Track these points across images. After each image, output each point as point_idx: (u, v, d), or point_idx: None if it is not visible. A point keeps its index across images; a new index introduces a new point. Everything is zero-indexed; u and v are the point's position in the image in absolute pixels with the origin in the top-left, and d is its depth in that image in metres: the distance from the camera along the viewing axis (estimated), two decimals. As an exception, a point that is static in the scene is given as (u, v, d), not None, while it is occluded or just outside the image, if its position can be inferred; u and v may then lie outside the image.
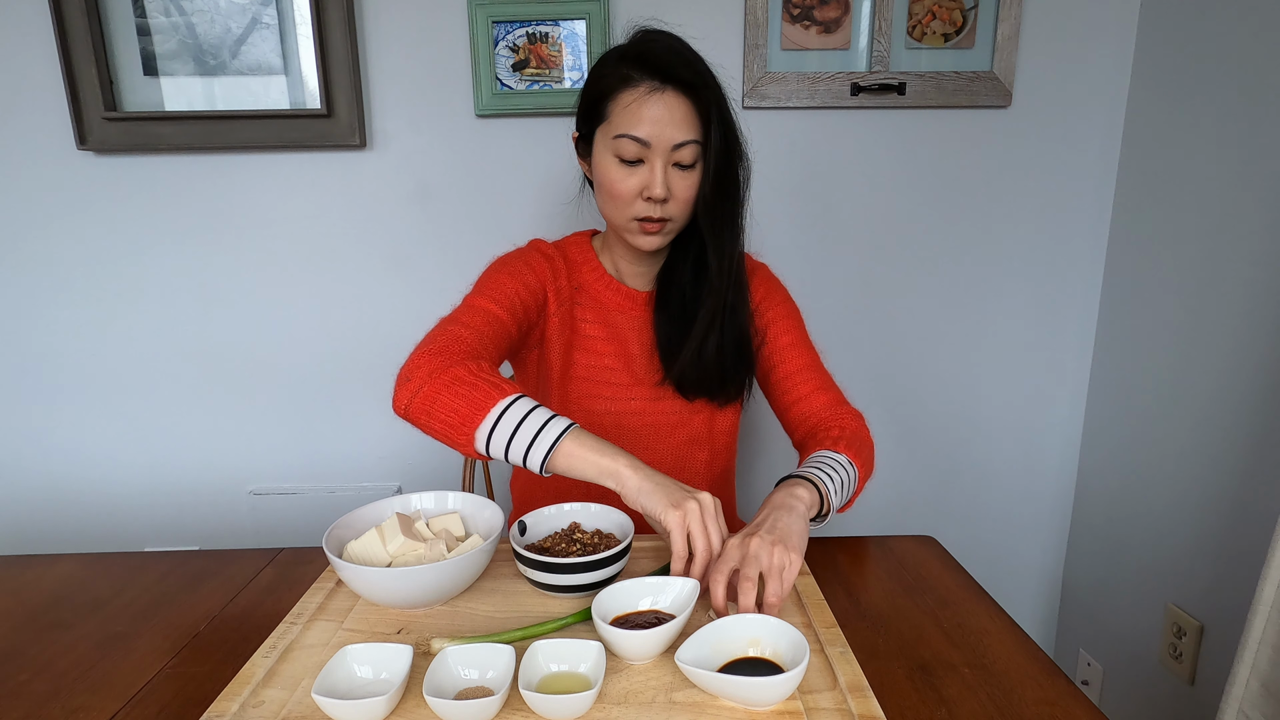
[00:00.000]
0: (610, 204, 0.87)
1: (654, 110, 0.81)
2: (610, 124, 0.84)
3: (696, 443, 0.98)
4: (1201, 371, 1.18)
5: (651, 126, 0.81)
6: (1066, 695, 0.61)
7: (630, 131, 0.81)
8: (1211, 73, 1.15)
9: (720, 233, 0.86)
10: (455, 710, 0.53)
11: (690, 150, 0.82)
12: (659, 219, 0.85)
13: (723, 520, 0.69)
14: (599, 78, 0.86)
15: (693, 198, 0.85)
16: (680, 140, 0.81)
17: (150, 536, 1.46)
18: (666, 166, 0.82)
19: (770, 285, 1.00)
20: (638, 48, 0.83)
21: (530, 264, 0.91)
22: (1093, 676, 1.45)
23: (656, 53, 0.82)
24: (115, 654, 0.68)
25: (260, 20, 1.25)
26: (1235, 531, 1.12)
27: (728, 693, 0.55)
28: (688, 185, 0.84)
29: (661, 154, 0.82)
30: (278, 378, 1.41)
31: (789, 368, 0.94)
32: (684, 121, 0.81)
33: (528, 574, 0.71)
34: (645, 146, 0.81)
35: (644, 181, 0.83)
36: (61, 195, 1.31)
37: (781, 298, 0.99)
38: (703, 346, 0.90)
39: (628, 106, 0.82)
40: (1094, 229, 1.39)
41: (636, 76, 0.82)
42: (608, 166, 0.85)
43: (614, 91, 0.83)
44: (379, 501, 0.78)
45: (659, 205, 0.84)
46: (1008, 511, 1.52)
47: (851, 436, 0.87)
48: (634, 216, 0.85)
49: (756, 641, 0.60)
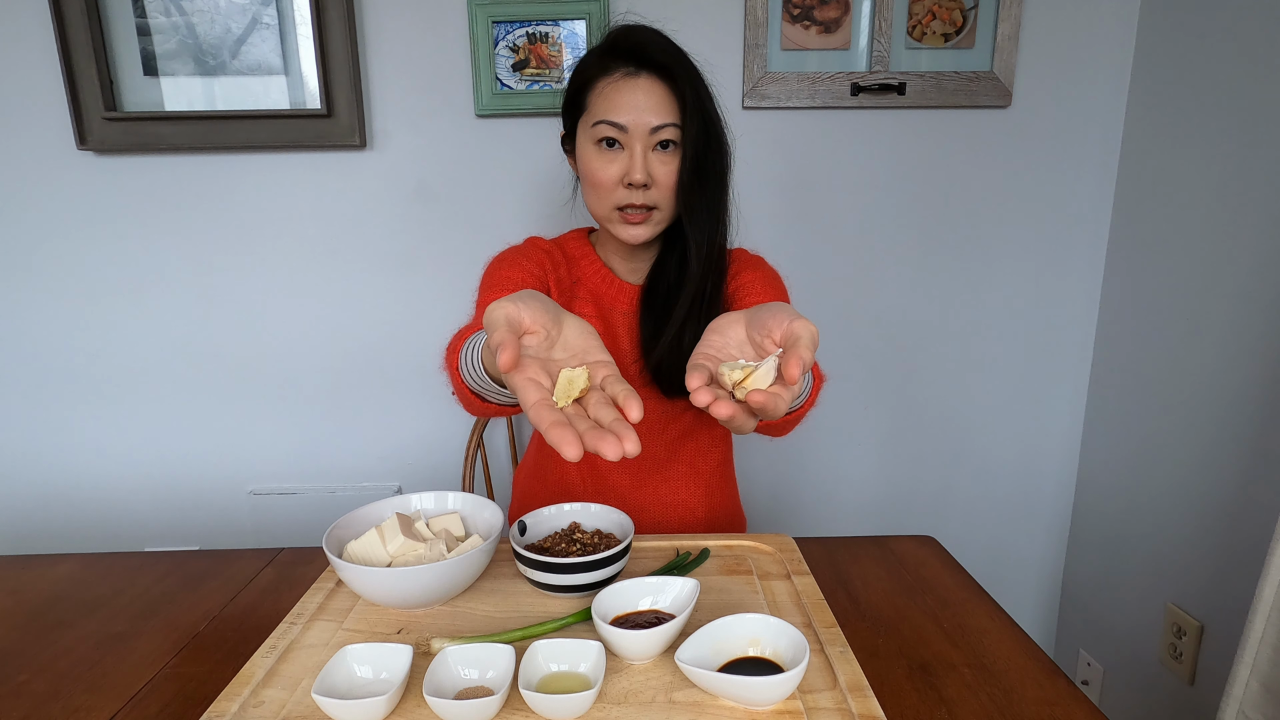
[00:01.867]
0: (593, 195, 0.87)
1: (630, 95, 0.81)
2: (589, 113, 0.84)
3: (688, 437, 0.98)
4: (1201, 371, 1.18)
5: (628, 111, 0.81)
6: (1066, 695, 0.61)
7: (607, 117, 0.82)
8: (1211, 73, 1.15)
9: (698, 219, 0.85)
10: (455, 710, 0.53)
11: (669, 133, 0.82)
12: (641, 206, 0.84)
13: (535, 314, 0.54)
14: (578, 72, 0.87)
15: (675, 184, 0.85)
16: (657, 124, 0.82)
17: (150, 536, 1.46)
18: (646, 151, 0.83)
19: (745, 263, 0.96)
20: (613, 38, 0.85)
21: (530, 256, 0.91)
22: (1093, 676, 1.45)
23: (631, 40, 0.83)
24: (115, 654, 0.68)
25: (260, 20, 1.25)
26: (1235, 531, 1.12)
27: (728, 692, 0.55)
28: (669, 171, 0.84)
29: (640, 138, 0.82)
30: (278, 378, 1.41)
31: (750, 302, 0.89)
32: (661, 105, 0.82)
33: (528, 574, 0.71)
34: (623, 131, 0.82)
35: (624, 168, 0.83)
36: (62, 195, 1.31)
37: (762, 273, 0.94)
38: (680, 338, 0.87)
39: (603, 93, 0.83)
40: (1094, 229, 1.39)
41: (612, 64, 0.83)
42: (589, 156, 0.85)
43: (592, 81, 0.84)
44: (379, 501, 0.78)
45: (640, 191, 0.84)
46: (1008, 511, 1.52)
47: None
48: (616, 205, 0.85)
49: (756, 641, 0.60)
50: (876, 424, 1.48)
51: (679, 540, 0.84)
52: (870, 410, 1.47)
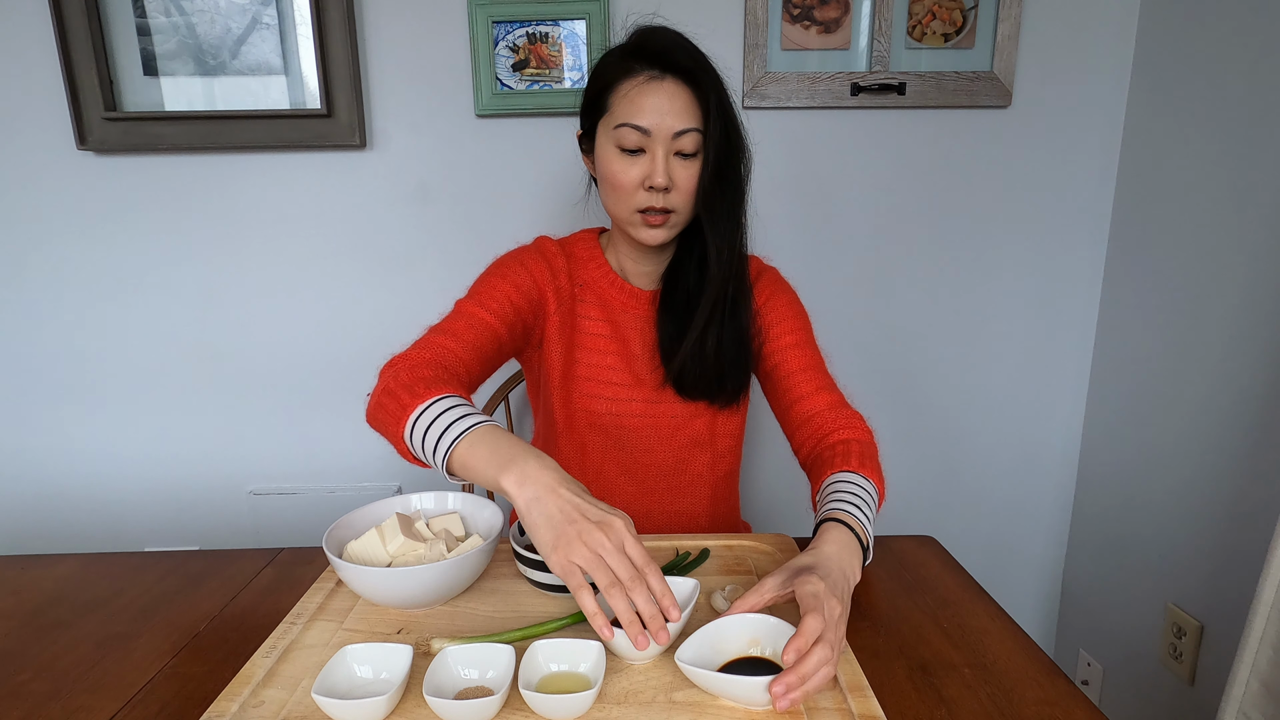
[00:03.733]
0: (613, 196, 0.87)
1: (654, 99, 0.81)
2: (611, 115, 0.84)
3: (699, 445, 0.98)
4: (1201, 371, 1.18)
5: (652, 115, 0.81)
6: (1066, 695, 0.61)
7: (631, 120, 0.82)
8: (1212, 72, 1.15)
9: (719, 223, 0.86)
10: (455, 710, 0.53)
11: (691, 139, 0.82)
12: (661, 209, 0.84)
13: (638, 547, 0.58)
14: (600, 72, 0.86)
15: (695, 188, 0.85)
16: (680, 128, 0.81)
17: (150, 536, 1.46)
18: (668, 155, 0.82)
19: (777, 287, 0.99)
20: (637, 40, 0.84)
21: (526, 266, 0.91)
22: (1093, 676, 1.45)
23: (656, 43, 0.83)
24: (115, 654, 0.68)
25: (260, 20, 1.25)
26: (1235, 531, 1.12)
27: (728, 692, 0.55)
28: (689, 175, 0.84)
29: (663, 142, 0.82)
30: (278, 377, 1.41)
31: (791, 367, 0.93)
32: (684, 110, 0.82)
33: (528, 574, 0.71)
34: (646, 135, 0.82)
35: (646, 171, 0.83)
36: (61, 195, 1.31)
37: (788, 299, 0.98)
38: (702, 342, 0.89)
39: (627, 95, 0.82)
40: (1094, 229, 1.39)
41: (636, 67, 0.82)
42: (610, 158, 0.85)
43: (614, 83, 0.84)
44: (379, 501, 0.78)
45: (661, 195, 0.84)
46: (1008, 511, 1.52)
47: (863, 450, 0.84)
48: (637, 208, 0.85)
49: (756, 641, 0.60)
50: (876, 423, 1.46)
51: (679, 540, 0.84)
52: (870, 410, 1.46)
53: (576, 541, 0.57)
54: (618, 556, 0.57)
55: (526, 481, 0.60)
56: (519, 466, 0.61)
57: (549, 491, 0.60)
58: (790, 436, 0.95)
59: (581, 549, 0.56)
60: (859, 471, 0.80)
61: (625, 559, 0.57)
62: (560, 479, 0.61)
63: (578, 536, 0.57)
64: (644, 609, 0.56)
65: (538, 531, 0.59)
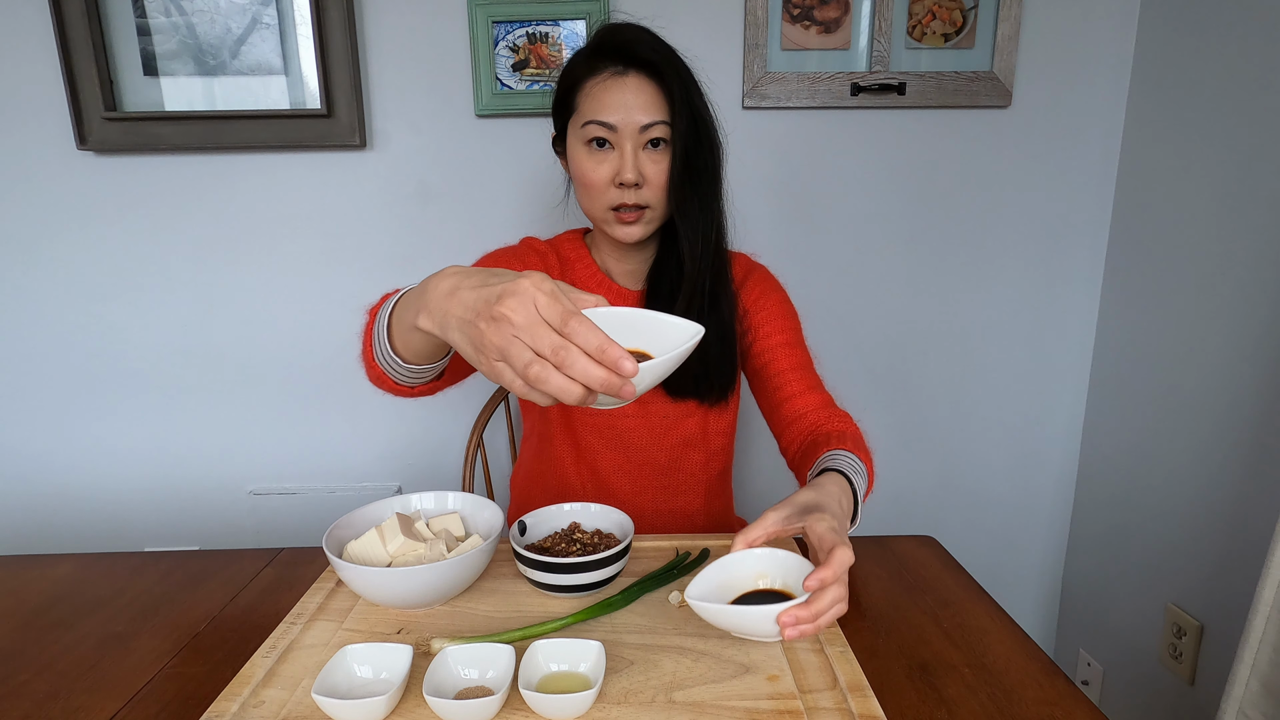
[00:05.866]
0: (586, 195, 0.87)
1: (618, 94, 0.81)
2: (579, 114, 0.84)
3: (690, 445, 0.98)
4: (1201, 371, 1.18)
5: (617, 110, 0.81)
6: (1066, 695, 0.61)
7: (597, 117, 0.82)
8: (1211, 72, 1.15)
9: (691, 216, 0.85)
10: (455, 710, 0.53)
11: (659, 131, 0.82)
12: (634, 205, 0.84)
13: (552, 302, 0.47)
14: (567, 72, 0.86)
15: (667, 182, 0.85)
16: (646, 122, 0.82)
17: (150, 536, 1.46)
18: (636, 150, 0.82)
19: (767, 285, 0.99)
20: (600, 37, 0.85)
21: (522, 260, 0.91)
22: (1093, 676, 1.45)
23: (618, 39, 0.83)
24: (115, 654, 0.68)
25: (260, 20, 1.25)
26: (1235, 531, 1.12)
27: (737, 625, 0.55)
28: (660, 170, 0.84)
29: (630, 137, 0.82)
30: (278, 377, 1.41)
31: (780, 366, 0.93)
32: (650, 104, 0.82)
33: (528, 574, 0.71)
34: (613, 130, 0.82)
35: (615, 167, 0.83)
36: (62, 195, 1.31)
37: (779, 298, 0.98)
38: None
39: (591, 93, 0.83)
40: (1094, 229, 1.39)
41: (600, 64, 0.83)
42: (580, 157, 0.85)
43: (580, 81, 0.84)
44: (379, 501, 0.78)
45: (633, 191, 0.84)
46: (1008, 511, 1.52)
47: (856, 439, 0.84)
48: (609, 205, 0.85)
49: (764, 574, 0.60)
50: (876, 424, 1.48)
51: (679, 540, 0.84)
52: (870, 410, 1.47)
53: (487, 338, 0.47)
54: (532, 329, 0.45)
55: (431, 309, 0.53)
56: (425, 298, 0.53)
57: (448, 299, 0.51)
58: (778, 435, 0.95)
59: (494, 343, 0.47)
60: (854, 453, 0.80)
61: (542, 326, 0.45)
62: (459, 280, 0.51)
63: (485, 332, 0.47)
64: (586, 377, 0.45)
65: (463, 352, 0.51)
